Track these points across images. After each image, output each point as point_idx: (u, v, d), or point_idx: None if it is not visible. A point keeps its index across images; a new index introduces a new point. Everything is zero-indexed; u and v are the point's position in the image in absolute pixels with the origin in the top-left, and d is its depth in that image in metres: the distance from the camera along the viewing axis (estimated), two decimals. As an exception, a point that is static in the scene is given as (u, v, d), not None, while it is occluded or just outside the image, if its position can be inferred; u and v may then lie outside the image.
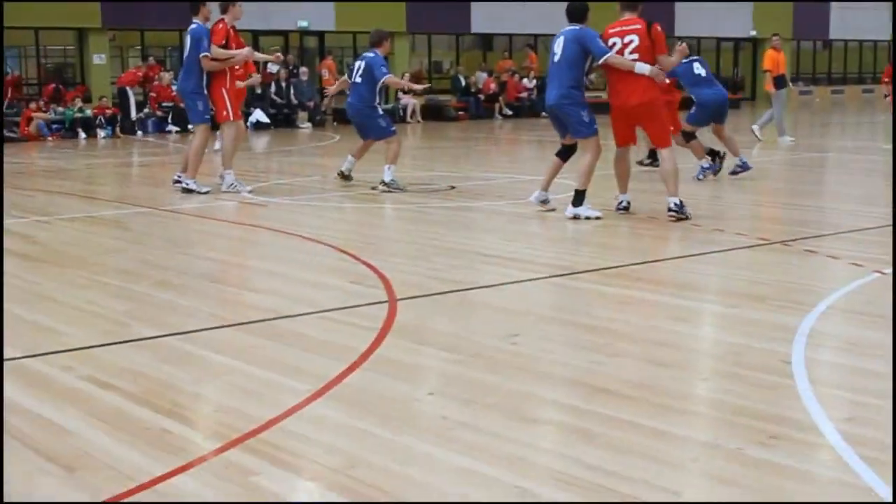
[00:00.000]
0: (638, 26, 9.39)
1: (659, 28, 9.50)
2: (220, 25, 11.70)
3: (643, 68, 9.23)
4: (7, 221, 9.81)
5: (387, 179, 12.22)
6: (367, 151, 13.01)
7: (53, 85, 25.92)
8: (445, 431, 4.04)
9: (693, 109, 12.75)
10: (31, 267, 7.75)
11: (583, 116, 9.64)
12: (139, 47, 29.50)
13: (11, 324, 5.83)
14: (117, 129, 23.70)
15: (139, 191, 12.70)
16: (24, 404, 4.41)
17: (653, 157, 13.35)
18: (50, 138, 22.80)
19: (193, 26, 11.77)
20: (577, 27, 9.62)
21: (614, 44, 9.42)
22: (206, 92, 11.81)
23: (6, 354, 5.14)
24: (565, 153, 10.04)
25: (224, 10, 11.83)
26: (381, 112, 12.75)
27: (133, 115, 24.61)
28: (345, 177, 12.87)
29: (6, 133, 22.17)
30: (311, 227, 9.45)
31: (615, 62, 9.36)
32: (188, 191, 11.83)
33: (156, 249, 8.59)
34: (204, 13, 11.90)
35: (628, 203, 9.89)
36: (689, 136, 12.72)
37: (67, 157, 18.52)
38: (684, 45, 10.40)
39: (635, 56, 9.31)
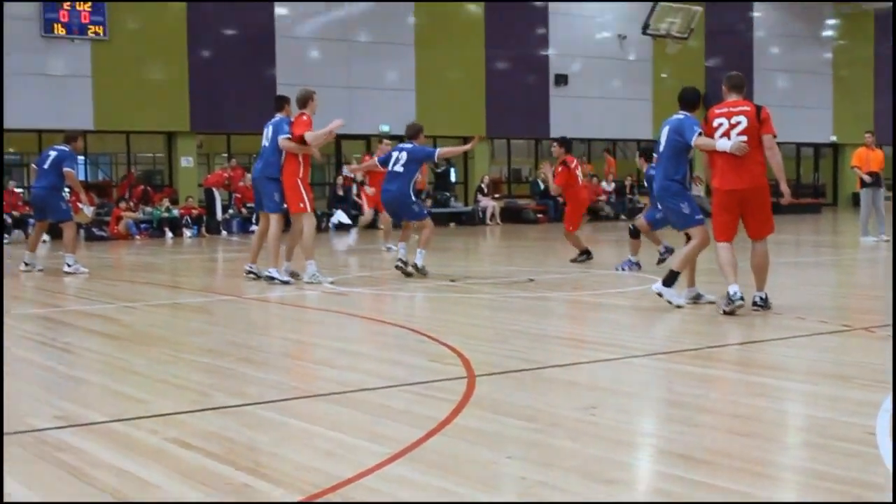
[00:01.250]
0: (746, 108, 8.97)
1: (769, 110, 9.05)
2: (305, 118, 12.04)
3: (724, 144, 8.90)
4: (94, 307, 10.09)
5: (419, 263, 12.80)
6: (410, 231, 13.65)
7: (142, 187, 26.71)
8: (525, 490, 4.04)
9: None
10: (118, 346, 7.95)
11: (682, 208, 9.45)
12: (225, 154, 30.28)
13: (98, 393, 5.99)
14: (203, 229, 24.26)
15: (223, 282, 12.98)
16: (110, 461, 4.51)
17: (587, 254, 14.53)
18: (138, 237, 23.41)
19: (276, 119, 12.16)
20: (681, 115, 9.43)
21: (720, 124, 9.02)
22: (280, 181, 12.13)
23: (91, 419, 5.28)
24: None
25: (304, 104, 12.18)
26: (414, 199, 13.25)
27: (219, 215, 25.21)
28: (404, 265, 13.11)
29: (96, 231, 22.84)
30: (391, 313, 9.57)
31: (700, 143, 9.11)
32: (271, 279, 12.04)
33: (238, 331, 8.76)
34: (287, 110, 12.34)
35: (742, 294, 8.95)
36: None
37: (154, 254, 18.96)
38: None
39: (743, 138, 8.88)
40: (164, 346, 7.84)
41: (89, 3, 26.34)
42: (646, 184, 12.99)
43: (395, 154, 13.12)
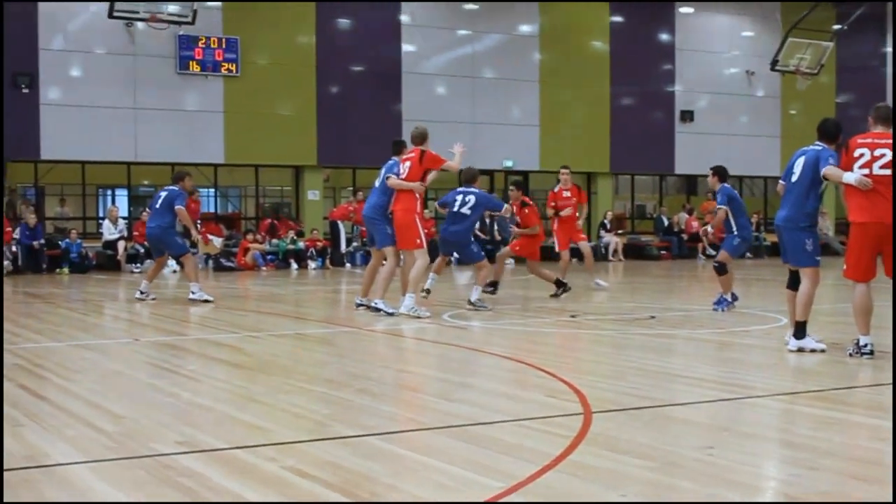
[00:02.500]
0: (892, 141, 8.48)
1: None
2: (428, 154, 12.27)
3: (850, 177, 8.45)
4: (219, 336, 10.34)
5: (473, 298, 13.26)
6: (444, 266, 14.42)
7: (270, 220, 27.29)
8: (637, 529, 4.00)
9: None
10: (241, 374, 8.12)
11: (806, 245, 9.03)
12: (350, 187, 30.71)
13: (221, 421, 6.13)
14: (327, 261, 24.64)
15: (345, 313, 13.13)
16: (228, 487, 4.61)
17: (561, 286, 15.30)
18: (264, 268, 23.89)
19: (390, 161, 12.47)
20: (818, 147, 9.01)
21: (861, 154, 8.53)
22: (390, 218, 12.50)
23: (212, 445, 5.40)
24: (794, 283, 9.25)
25: (422, 142, 12.44)
26: (473, 240, 13.83)
27: (343, 248, 25.58)
28: (427, 293, 13.61)
29: (224, 262, 23.38)
30: (508, 348, 9.56)
31: (829, 173, 8.66)
32: (377, 310, 12.20)
33: (358, 363, 8.87)
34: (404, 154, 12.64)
35: (872, 347, 8.61)
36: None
37: (279, 285, 19.31)
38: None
39: (886, 171, 8.40)
40: (286, 375, 7.98)
41: (223, 40, 27.09)
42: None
43: (459, 197, 13.42)
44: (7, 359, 8.72)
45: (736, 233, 13.27)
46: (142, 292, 14.99)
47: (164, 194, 15.02)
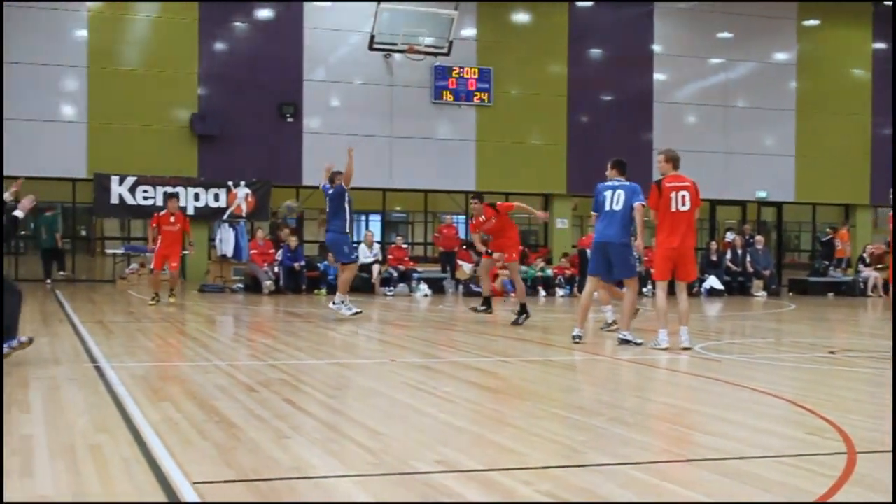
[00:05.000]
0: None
1: None
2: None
3: None
4: (472, 359, 10.54)
5: (610, 319, 13.19)
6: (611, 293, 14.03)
7: (521, 248, 27.57)
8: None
9: None
10: (494, 397, 8.24)
11: None
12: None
13: (476, 442, 6.24)
14: (576, 289, 24.63)
15: (593, 341, 13.08)
16: (487, 507, 4.70)
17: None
18: (512, 295, 24.12)
19: (627, 184, 12.24)
20: None
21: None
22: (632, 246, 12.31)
23: (469, 466, 5.51)
24: None
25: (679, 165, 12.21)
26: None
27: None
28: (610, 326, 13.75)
29: (474, 288, 23.74)
30: (764, 382, 9.30)
31: None
32: (626, 342, 12.07)
33: (609, 391, 8.85)
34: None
35: None
36: None
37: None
38: None
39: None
40: (538, 400, 8.04)
41: (476, 70, 27.63)
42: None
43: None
44: (272, 373, 9.17)
45: None
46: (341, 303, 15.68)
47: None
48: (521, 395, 8.39)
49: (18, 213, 9.88)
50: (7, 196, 10.09)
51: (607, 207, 12.20)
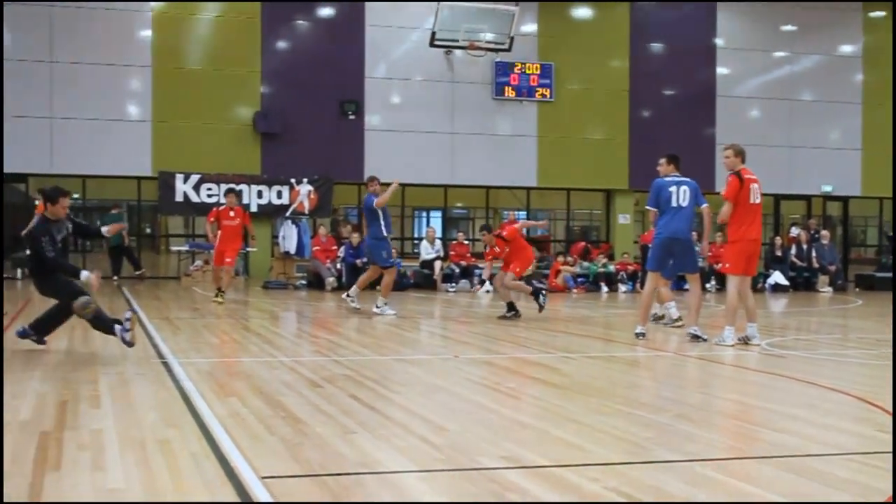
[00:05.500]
0: None
1: None
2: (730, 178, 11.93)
3: None
4: (534, 355, 10.54)
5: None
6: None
7: (583, 243, 27.54)
8: None
9: None
10: (558, 393, 8.22)
11: None
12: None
13: (542, 438, 6.24)
14: (638, 285, 24.50)
15: (656, 337, 13.01)
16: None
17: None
18: (575, 290, 24.07)
19: (689, 180, 12.30)
20: None
21: None
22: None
23: (535, 462, 5.52)
24: None
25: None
26: None
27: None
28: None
29: (535, 284, 23.72)
30: (831, 378, 9.19)
31: None
32: (696, 337, 12.00)
33: (675, 388, 8.81)
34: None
35: None
36: None
37: (590, 307, 19.39)
38: None
39: None
40: (602, 397, 8.02)
41: (538, 66, 27.58)
42: None
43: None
44: (337, 369, 9.24)
45: None
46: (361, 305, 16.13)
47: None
48: (585, 392, 8.37)
49: (105, 231, 10.76)
50: (105, 230, 11.08)
51: (674, 203, 12.13)
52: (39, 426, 6.38)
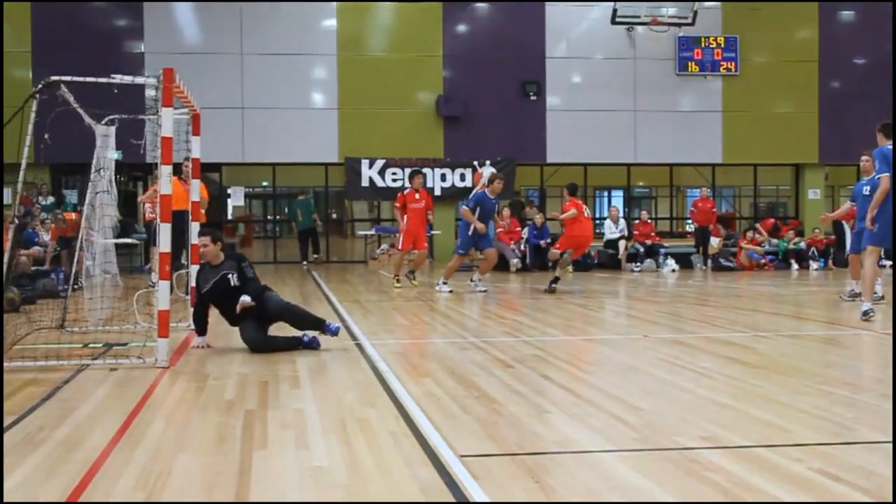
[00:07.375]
0: None
1: None
2: None
3: None
4: (725, 334, 10.33)
5: None
6: None
7: (773, 220, 26.85)
8: None
9: None
10: (755, 373, 8.03)
11: None
12: (851, 185, 29.42)
13: (741, 418, 6.12)
14: (830, 262, 23.76)
15: (850, 315, 12.58)
16: (759, 486, 4.62)
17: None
18: (765, 265, 23.52)
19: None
20: None
21: None
22: None
23: (735, 442, 5.41)
24: None
25: None
26: None
27: (847, 248, 24.48)
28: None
29: (723, 262, 23.29)
30: None
31: None
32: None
33: (878, 366, 8.50)
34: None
35: None
36: None
37: (780, 285, 18.89)
38: None
39: None
40: (801, 376, 7.80)
41: (722, 40, 26.99)
42: None
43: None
44: (526, 349, 9.26)
45: None
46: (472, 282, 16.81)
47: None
48: (782, 371, 8.15)
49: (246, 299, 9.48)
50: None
51: None
52: (244, 405, 6.62)
